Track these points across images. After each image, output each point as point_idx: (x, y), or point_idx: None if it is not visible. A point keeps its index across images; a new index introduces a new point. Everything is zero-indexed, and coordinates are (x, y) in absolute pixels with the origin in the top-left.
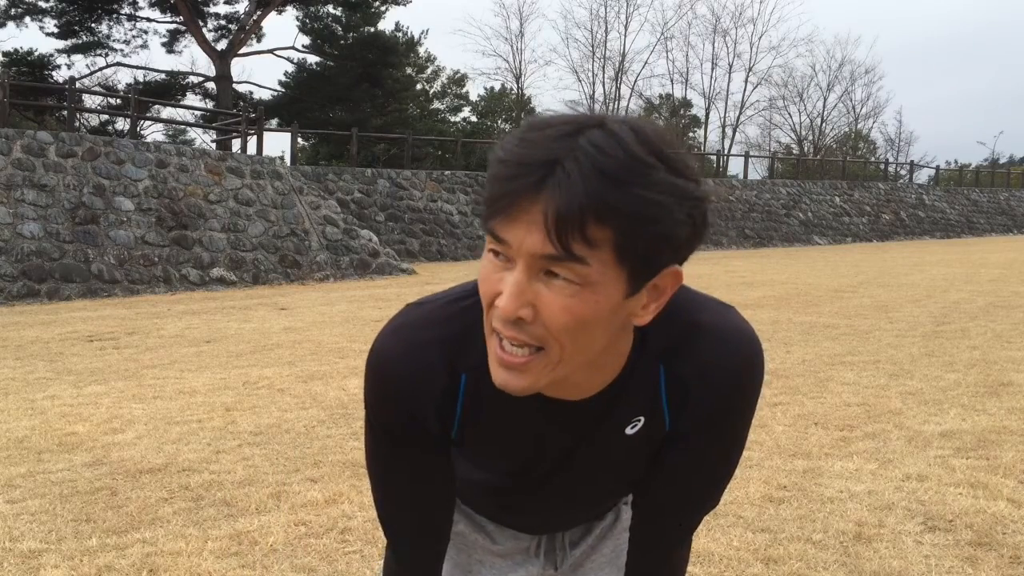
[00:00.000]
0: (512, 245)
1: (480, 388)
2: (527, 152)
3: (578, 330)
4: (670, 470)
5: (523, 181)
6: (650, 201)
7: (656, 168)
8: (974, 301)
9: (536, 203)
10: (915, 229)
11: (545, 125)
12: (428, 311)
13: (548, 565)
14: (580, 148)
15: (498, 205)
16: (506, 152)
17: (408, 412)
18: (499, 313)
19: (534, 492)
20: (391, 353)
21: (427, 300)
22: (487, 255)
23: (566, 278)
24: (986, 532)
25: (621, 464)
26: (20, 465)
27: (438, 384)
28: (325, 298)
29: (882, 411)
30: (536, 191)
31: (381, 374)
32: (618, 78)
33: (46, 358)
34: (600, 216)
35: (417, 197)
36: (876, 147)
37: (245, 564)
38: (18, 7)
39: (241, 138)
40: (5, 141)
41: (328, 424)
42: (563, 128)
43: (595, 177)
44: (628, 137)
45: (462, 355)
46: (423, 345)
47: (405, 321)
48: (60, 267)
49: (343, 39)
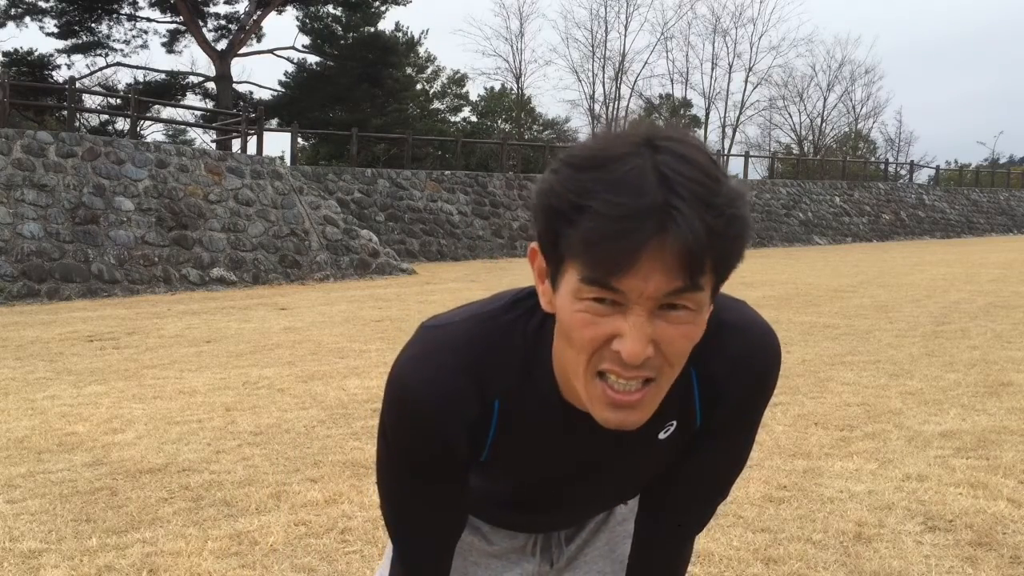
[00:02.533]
0: (629, 292)
1: (513, 410)
2: (627, 201)
3: (688, 351)
4: (696, 464)
5: (642, 233)
6: (738, 217)
7: (726, 179)
8: (974, 301)
9: (660, 249)
10: (915, 229)
11: (607, 160)
12: (449, 334)
13: (544, 562)
14: (676, 183)
15: (618, 261)
16: (599, 204)
17: (437, 444)
18: (627, 358)
19: (553, 499)
20: (418, 384)
21: (444, 321)
22: (584, 303)
23: (686, 307)
24: (986, 532)
25: (647, 467)
26: (20, 465)
27: (471, 413)
28: (325, 298)
29: (882, 411)
30: (659, 238)
31: (408, 408)
32: (618, 78)
33: (46, 358)
34: (713, 244)
35: (417, 197)
36: (876, 147)
37: (245, 564)
38: (18, 7)
39: (241, 138)
40: (5, 141)
41: (328, 424)
42: (635, 163)
43: (704, 209)
44: (699, 157)
45: (493, 379)
46: (452, 373)
47: (427, 348)
48: (60, 267)
49: (343, 39)
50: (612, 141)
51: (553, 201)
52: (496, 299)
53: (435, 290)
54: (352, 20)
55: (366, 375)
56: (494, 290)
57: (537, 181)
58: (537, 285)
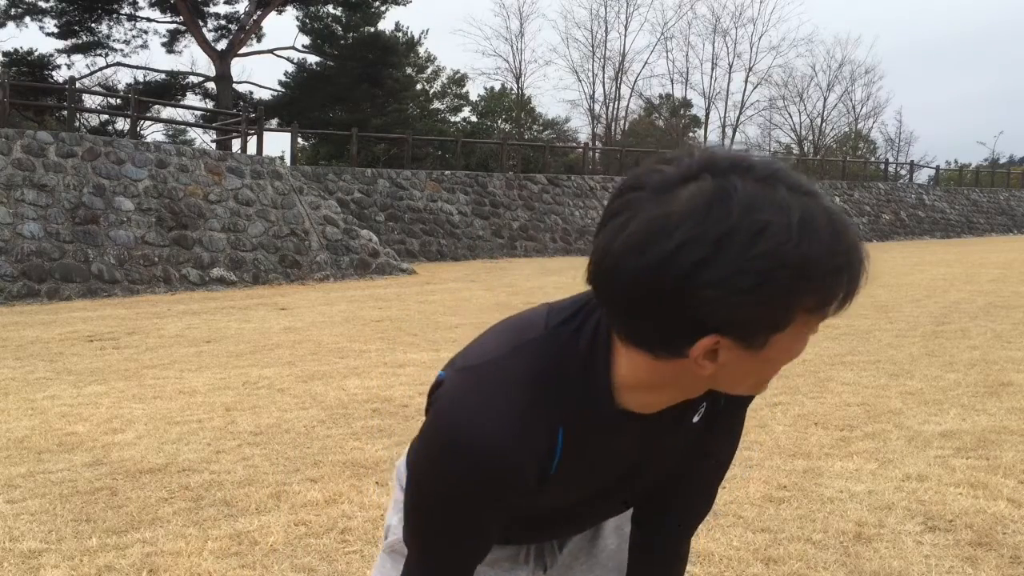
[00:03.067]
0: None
1: (576, 433)
2: (845, 243)
3: None
4: (711, 450)
5: (860, 267)
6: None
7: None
8: (974, 301)
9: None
10: (915, 229)
11: (802, 192)
12: (499, 374)
13: (538, 568)
14: (854, 236)
15: (848, 297)
16: (840, 246)
17: (509, 493)
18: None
19: (577, 512)
20: (482, 438)
21: (483, 358)
22: (802, 332)
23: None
24: (986, 532)
25: (679, 456)
26: (20, 465)
27: (541, 451)
28: (325, 298)
29: (882, 411)
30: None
31: (475, 464)
32: (618, 78)
33: (46, 358)
34: None
35: (417, 197)
36: (876, 147)
37: (245, 564)
38: (18, 7)
39: (241, 138)
40: (5, 141)
41: (328, 424)
42: (824, 207)
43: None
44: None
45: (555, 408)
46: (517, 417)
47: (480, 395)
48: (60, 267)
49: (343, 39)
50: (787, 194)
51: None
52: (530, 323)
53: (435, 290)
54: (352, 20)
55: (366, 375)
56: (494, 290)
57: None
58: (703, 367)
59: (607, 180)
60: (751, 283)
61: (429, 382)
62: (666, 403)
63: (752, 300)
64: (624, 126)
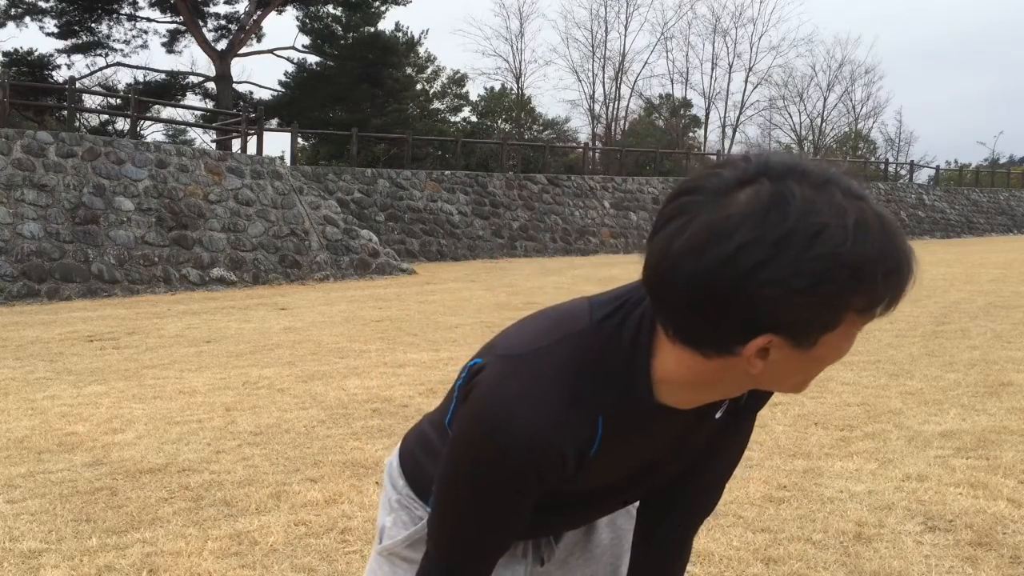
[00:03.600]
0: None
1: (616, 423)
2: (896, 245)
3: None
4: (724, 448)
5: (908, 270)
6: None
7: None
8: (974, 301)
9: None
10: (915, 229)
11: (855, 196)
12: (545, 362)
13: (535, 562)
14: (903, 240)
15: (895, 299)
16: (891, 249)
17: (548, 476)
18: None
19: (595, 504)
20: (526, 425)
21: (529, 347)
22: (850, 332)
23: None
24: (986, 532)
25: (696, 452)
26: (20, 465)
27: (582, 438)
28: (325, 298)
29: (882, 411)
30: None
31: (518, 449)
32: (618, 78)
33: (46, 358)
34: None
35: (417, 197)
36: (876, 147)
37: (245, 564)
38: (18, 7)
39: (241, 138)
40: (5, 141)
41: (328, 424)
42: (876, 211)
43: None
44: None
45: (596, 399)
46: (560, 406)
47: (525, 381)
48: (60, 267)
49: (343, 39)
50: (846, 201)
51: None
52: (574, 315)
53: (435, 290)
54: (352, 20)
55: (366, 375)
56: (494, 290)
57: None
58: (753, 366)
59: (607, 180)
60: (808, 283)
61: (429, 382)
62: (705, 400)
63: (808, 300)
64: (624, 126)
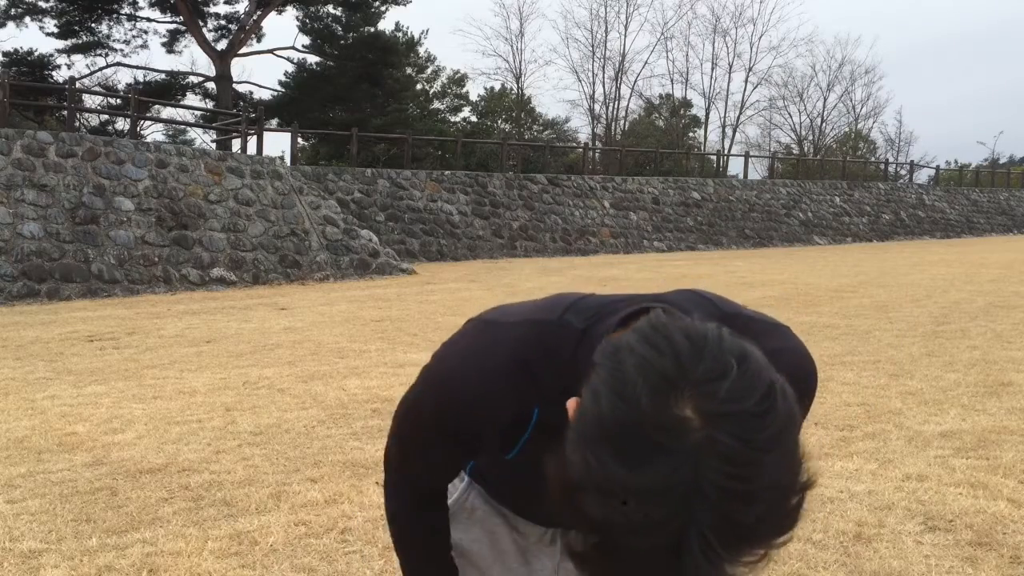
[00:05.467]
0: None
1: (550, 421)
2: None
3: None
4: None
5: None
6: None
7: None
8: (974, 301)
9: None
10: (915, 229)
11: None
12: (504, 334)
13: (564, 555)
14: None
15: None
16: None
17: (464, 434)
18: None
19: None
20: (462, 379)
21: (499, 318)
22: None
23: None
24: (986, 532)
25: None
26: (20, 465)
27: (505, 417)
28: (325, 298)
29: (882, 411)
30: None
31: (448, 397)
32: (618, 78)
33: (46, 358)
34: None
35: (417, 197)
36: (876, 147)
37: (245, 564)
38: (18, 7)
39: (241, 138)
40: (5, 141)
41: (328, 424)
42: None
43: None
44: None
45: (537, 385)
46: (497, 375)
47: (479, 344)
48: (60, 267)
49: (343, 39)
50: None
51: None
52: (553, 304)
53: (435, 290)
54: (352, 20)
55: (366, 375)
56: (494, 290)
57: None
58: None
59: (607, 180)
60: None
61: None
62: None
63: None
64: (624, 126)
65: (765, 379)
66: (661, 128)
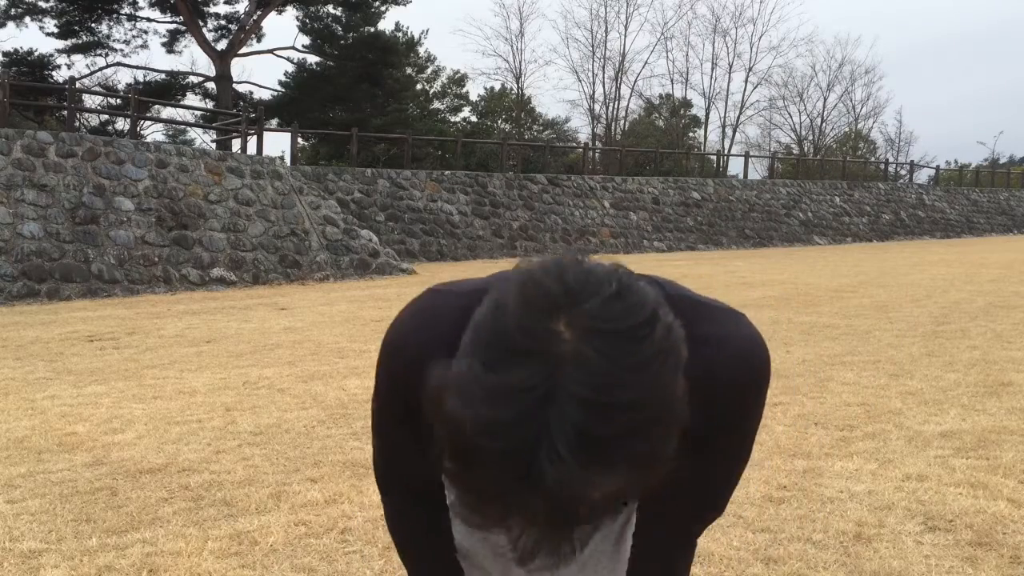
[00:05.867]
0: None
1: None
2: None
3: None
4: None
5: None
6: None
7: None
8: (974, 301)
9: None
10: (915, 229)
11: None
12: (446, 302)
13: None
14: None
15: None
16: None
17: (399, 397)
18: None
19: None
20: (404, 329)
21: (448, 287)
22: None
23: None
24: (986, 532)
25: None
26: (20, 465)
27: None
28: (325, 298)
29: (882, 411)
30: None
31: (391, 346)
32: (618, 78)
33: (46, 358)
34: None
35: (417, 197)
36: (876, 147)
37: (245, 564)
38: (18, 7)
39: (241, 138)
40: (5, 141)
41: (328, 424)
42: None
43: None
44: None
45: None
46: (433, 339)
47: (422, 309)
48: (60, 267)
49: (343, 39)
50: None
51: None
52: (499, 277)
53: None
54: (352, 20)
55: (366, 375)
56: None
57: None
58: None
59: (607, 180)
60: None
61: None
62: None
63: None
64: (624, 126)
65: (649, 310)
66: (661, 128)
